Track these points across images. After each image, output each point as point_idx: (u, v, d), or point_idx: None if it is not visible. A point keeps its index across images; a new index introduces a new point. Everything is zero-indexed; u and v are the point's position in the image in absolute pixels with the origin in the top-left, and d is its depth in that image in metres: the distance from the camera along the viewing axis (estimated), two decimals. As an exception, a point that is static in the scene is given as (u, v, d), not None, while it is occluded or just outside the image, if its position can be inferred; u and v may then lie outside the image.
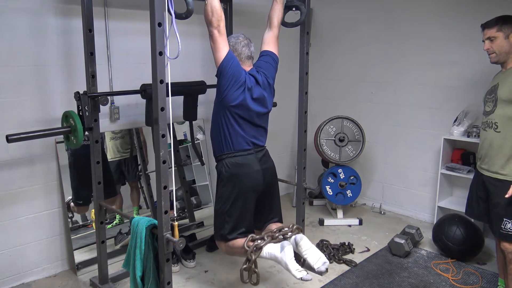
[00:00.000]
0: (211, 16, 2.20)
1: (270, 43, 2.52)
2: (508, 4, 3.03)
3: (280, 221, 2.58)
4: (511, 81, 2.29)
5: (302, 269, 2.11)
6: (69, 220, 2.90)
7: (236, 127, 2.35)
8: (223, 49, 2.26)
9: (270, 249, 2.17)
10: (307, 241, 2.21)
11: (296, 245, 2.21)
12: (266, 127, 2.51)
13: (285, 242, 2.18)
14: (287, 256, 2.12)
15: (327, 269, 2.17)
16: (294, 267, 2.10)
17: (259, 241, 2.19)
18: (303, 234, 2.28)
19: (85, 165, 2.58)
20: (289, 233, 2.25)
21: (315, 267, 2.15)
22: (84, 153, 2.59)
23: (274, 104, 3.39)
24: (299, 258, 2.21)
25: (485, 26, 2.39)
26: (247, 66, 2.42)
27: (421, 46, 3.65)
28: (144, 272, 2.11)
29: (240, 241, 2.30)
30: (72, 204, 2.89)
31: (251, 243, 2.19)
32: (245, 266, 2.17)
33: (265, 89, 2.43)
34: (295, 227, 2.27)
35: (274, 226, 2.47)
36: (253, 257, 2.15)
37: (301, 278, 2.08)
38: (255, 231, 2.47)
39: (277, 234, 2.24)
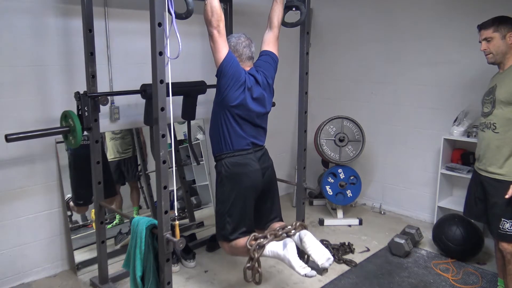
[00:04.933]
0: (210, 16, 2.19)
1: (270, 43, 2.52)
2: (508, 4, 3.03)
3: (281, 220, 2.57)
4: (508, 83, 2.29)
5: (305, 265, 2.09)
6: (68, 219, 2.89)
7: (236, 127, 2.33)
8: (223, 50, 2.25)
9: (273, 247, 2.16)
10: (311, 237, 2.19)
11: (300, 241, 2.19)
12: (265, 128, 2.50)
13: (288, 240, 2.16)
14: (290, 253, 2.10)
15: (326, 269, 2.17)
16: (298, 264, 2.09)
17: (261, 240, 2.17)
18: (307, 230, 2.26)
19: (85, 165, 2.58)
20: (293, 231, 2.23)
21: (319, 263, 2.12)
22: (84, 153, 2.59)
23: (273, 104, 3.40)
24: (303, 255, 2.20)
25: (481, 27, 2.38)
26: (247, 66, 2.41)
27: (421, 46, 3.65)
28: (144, 272, 2.11)
29: (242, 241, 2.29)
30: (71, 203, 2.89)
31: (253, 242, 2.17)
32: (248, 265, 2.15)
33: (265, 89, 2.42)
34: (298, 224, 2.25)
35: (277, 225, 2.46)
36: (256, 256, 2.13)
37: (305, 274, 2.06)
38: (257, 231, 2.44)
39: (280, 232, 2.22)
